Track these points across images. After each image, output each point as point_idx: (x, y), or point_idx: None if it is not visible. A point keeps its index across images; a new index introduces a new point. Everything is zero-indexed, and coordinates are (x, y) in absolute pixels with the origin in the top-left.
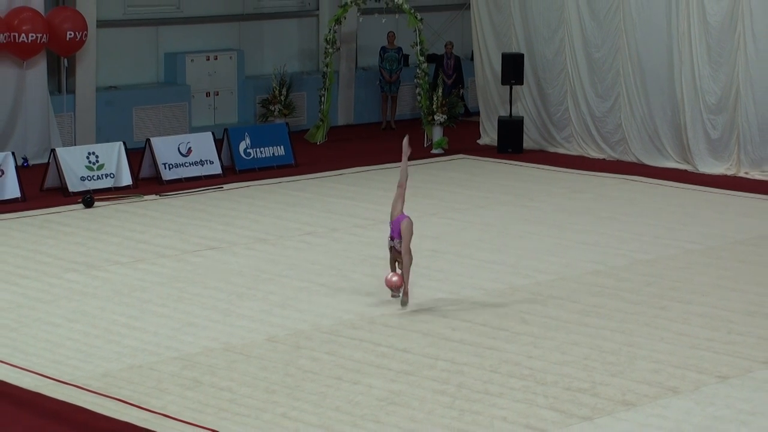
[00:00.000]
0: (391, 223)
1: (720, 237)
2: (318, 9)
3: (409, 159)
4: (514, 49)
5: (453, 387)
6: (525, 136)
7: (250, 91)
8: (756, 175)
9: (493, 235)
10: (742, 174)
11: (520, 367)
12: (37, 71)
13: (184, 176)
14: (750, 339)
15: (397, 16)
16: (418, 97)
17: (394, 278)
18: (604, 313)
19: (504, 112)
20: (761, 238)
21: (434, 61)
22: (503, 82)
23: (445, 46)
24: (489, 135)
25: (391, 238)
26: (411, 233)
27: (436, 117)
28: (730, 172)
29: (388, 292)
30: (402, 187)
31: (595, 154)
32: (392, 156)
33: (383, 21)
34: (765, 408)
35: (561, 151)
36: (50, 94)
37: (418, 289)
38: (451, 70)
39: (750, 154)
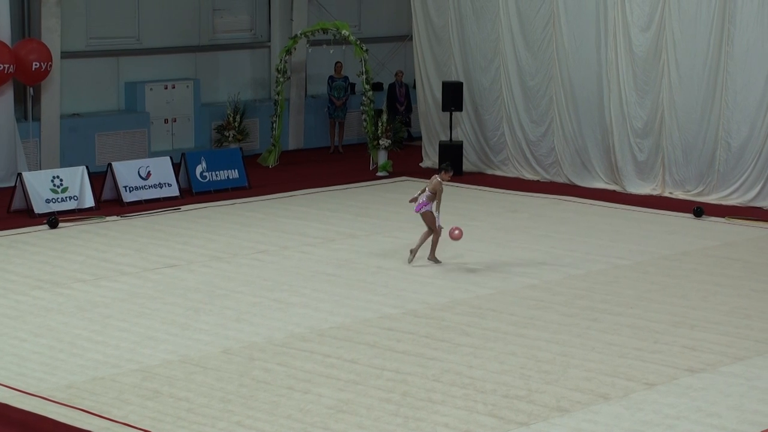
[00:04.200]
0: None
1: (647, 253)
2: (270, 40)
3: (356, 182)
4: (453, 78)
5: (398, 395)
6: (464, 160)
7: (205, 117)
8: (680, 194)
9: (435, 252)
10: (667, 194)
11: (461, 376)
12: (4, 100)
13: (143, 198)
14: (675, 348)
15: (344, 47)
16: (364, 123)
17: (456, 231)
18: (539, 324)
19: (444, 137)
20: (685, 253)
21: (386, 89)
22: (444, 109)
23: (396, 74)
24: (431, 158)
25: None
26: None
27: (381, 141)
28: (655, 192)
29: (338, 305)
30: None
31: (529, 175)
32: (340, 179)
33: (331, 52)
34: (689, 412)
35: (498, 173)
36: (17, 121)
37: (365, 303)
38: (402, 98)
39: (674, 175)
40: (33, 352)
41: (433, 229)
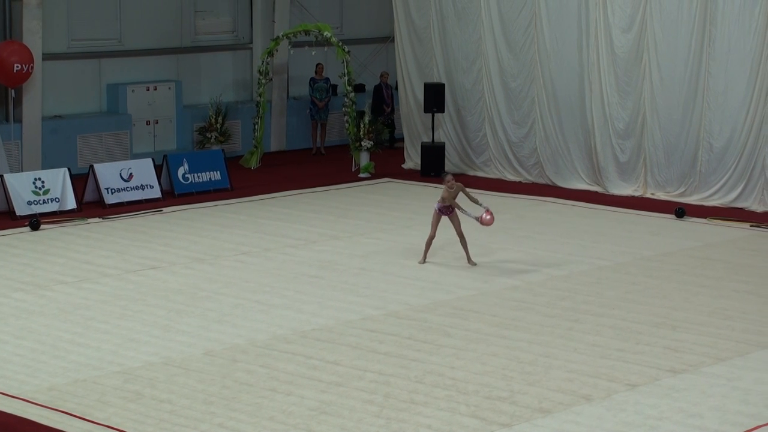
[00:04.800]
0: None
1: (628, 254)
2: (251, 42)
3: (338, 183)
4: (435, 80)
5: (380, 397)
6: (446, 161)
7: (187, 119)
8: (661, 195)
9: (417, 254)
10: (648, 195)
11: (443, 378)
12: None
13: (125, 200)
14: (656, 349)
15: (325, 48)
16: (346, 125)
17: (487, 217)
18: (521, 326)
19: (426, 138)
20: (666, 254)
21: (372, 91)
22: (426, 110)
23: (381, 75)
24: (413, 160)
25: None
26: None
27: (363, 143)
28: (637, 194)
29: (321, 306)
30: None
31: (511, 177)
32: (322, 180)
33: (313, 53)
34: (671, 413)
35: (480, 174)
36: None
37: (348, 304)
38: (389, 99)
39: (656, 176)
40: (14, 355)
41: (433, 227)
